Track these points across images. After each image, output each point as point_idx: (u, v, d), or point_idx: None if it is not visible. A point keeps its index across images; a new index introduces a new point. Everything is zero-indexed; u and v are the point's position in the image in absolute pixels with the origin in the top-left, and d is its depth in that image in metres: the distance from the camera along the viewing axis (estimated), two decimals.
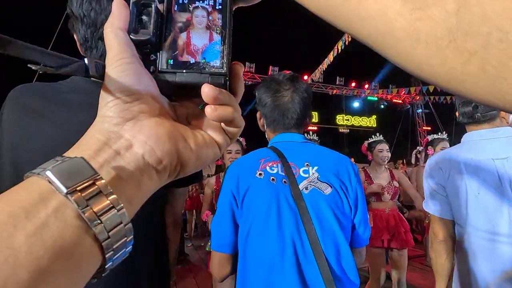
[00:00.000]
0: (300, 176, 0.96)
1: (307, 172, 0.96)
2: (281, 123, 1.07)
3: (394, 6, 0.24)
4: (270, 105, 1.07)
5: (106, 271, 0.21)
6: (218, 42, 0.26)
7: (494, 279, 1.14)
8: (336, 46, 9.63)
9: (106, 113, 0.24)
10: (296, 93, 1.06)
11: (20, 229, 0.17)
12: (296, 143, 1.04)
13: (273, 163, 0.99)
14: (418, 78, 0.27)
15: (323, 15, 0.28)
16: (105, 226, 0.20)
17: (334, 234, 0.90)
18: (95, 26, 0.67)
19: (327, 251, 0.87)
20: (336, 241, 0.90)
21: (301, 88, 1.07)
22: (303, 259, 0.88)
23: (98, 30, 0.67)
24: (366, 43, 0.27)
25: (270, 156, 1.00)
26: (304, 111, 1.06)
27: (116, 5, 0.25)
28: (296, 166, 0.97)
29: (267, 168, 0.98)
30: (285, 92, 1.06)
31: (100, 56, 0.69)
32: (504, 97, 0.23)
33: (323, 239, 0.88)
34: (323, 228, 0.89)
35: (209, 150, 0.27)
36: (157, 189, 0.25)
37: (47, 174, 0.19)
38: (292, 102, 1.05)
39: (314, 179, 0.95)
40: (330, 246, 0.88)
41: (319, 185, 0.94)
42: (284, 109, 1.05)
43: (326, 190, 0.93)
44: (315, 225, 0.88)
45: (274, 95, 1.06)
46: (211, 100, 0.25)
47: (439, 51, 0.23)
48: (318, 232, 0.88)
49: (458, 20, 0.22)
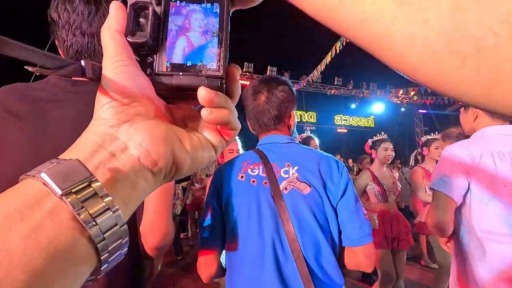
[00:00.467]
0: (281, 176, 0.97)
1: (287, 172, 0.98)
2: (258, 125, 1.09)
3: (390, 9, 0.24)
4: (249, 109, 1.10)
5: (102, 273, 0.21)
6: (215, 45, 0.26)
7: (492, 278, 1.14)
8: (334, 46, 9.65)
9: (101, 115, 0.24)
10: (271, 94, 1.06)
11: (15, 230, 0.17)
12: (280, 144, 1.06)
13: (255, 165, 1.01)
14: (414, 81, 0.27)
15: (320, 18, 0.28)
16: (101, 228, 0.20)
17: (313, 233, 0.91)
18: (69, 24, 0.69)
19: (306, 250, 0.88)
20: (316, 240, 0.91)
21: (277, 88, 1.07)
22: (282, 258, 0.90)
23: (71, 28, 0.69)
24: (363, 47, 0.28)
25: (252, 159, 1.03)
26: (282, 110, 1.06)
27: (114, 7, 0.25)
28: (277, 167, 0.99)
29: (249, 170, 1.01)
30: (260, 95, 1.08)
31: (75, 53, 0.69)
32: (499, 100, 0.23)
33: (301, 238, 0.89)
34: (302, 228, 0.90)
35: (205, 153, 0.27)
36: (152, 191, 0.25)
37: (42, 176, 0.19)
38: (267, 103, 1.05)
39: (293, 179, 0.96)
40: (309, 245, 0.89)
41: (298, 185, 0.95)
42: (259, 111, 1.07)
43: (305, 190, 0.94)
44: (294, 225, 0.89)
45: (251, 98, 1.09)
46: (207, 103, 0.25)
47: (435, 54, 0.24)
48: (296, 232, 0.89)
49: (454, 24, 0.22)
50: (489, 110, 0.25)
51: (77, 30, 0.68)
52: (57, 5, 0.69)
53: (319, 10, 0.27)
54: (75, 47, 0.69)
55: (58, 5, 0.69)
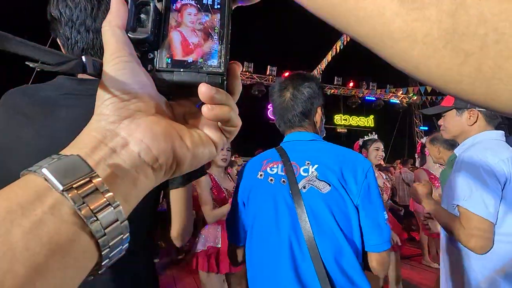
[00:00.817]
0: (300, 175, 0.96)
1: (307, 170, 0.97)
2: (283, 122, 1.09)
3: (391, 6, 0.24)
4: (275, 107, 1.11)
5: (103, 269, 0.21)
6: (216, 41, 0.26)
7: (486, 276, 1.15)
8: (335, 46, 9.64)
9: (102, 111, 0.24)
10: (296, 91, 1.06)
11: (16, 225, 0.17)
12: (302, 141, 1.05)
13: (274, 163, 1.02)
14: (415, 79, 0.27)
15: (322, 15, 0.28)
16: (101, 223, 0.20)
17: (332, 233, 0.89)
18: (72, 21, 0.68)
19: (324, 250, 0.87)
20: (335, 240, 0.88)
21: (303, 84, 1.06)
22: (299, 257, 0.89)
23: (75, 25, 0.68)
24: (364, 44, 0.28)
25: (272, 157, 1.04)
26: (307, 107, 1.05)
27: (115, 3, 0.25)
28: (297, 165, 0.98)
29: (268, 169, 1.02)
30: (285, 91, 1.08)
31: (81, 51, 0.69)
32: (500, 99, 0.23)
33: (319, 237, 0.88)
34: (320, 227, 0.89)
35: (205, 149, 0.27)
36: (153, 187, 0.25)
37: (43, 172, 0.19)
38: (292, 99, 1.06)
39: (312, 177, 0.95)
40: (327, 245, 0.88)
41: (317, 183, 0.93)
42: (284, 108, 1.07)
43: (324, 189, 0.92)
44: (312, 224, 0.88)
45: (277, 95, 1.10)
46: (208, 100, 0.25)
47: (436, 51, 0.24)
48: (314, 231, 0.88)
49: (455, 21, 0.22)
50: (490, 109, 0.25)
51: (81, 27, 0.67)
52: (57, 1, 0.68)
53: (321, 7, 0.27)
54: (80, 45, 0.68)
55: (58, 1, 0.68)
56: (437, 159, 2.47)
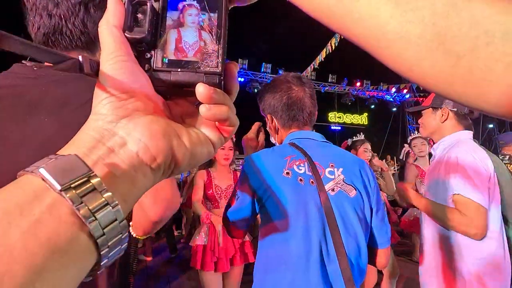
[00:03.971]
0: (326, 177, 0.95)
1: (333, 173, 0.96)
2: (299, 118, 1.05)
3: (386, 8, 0.25)
4: (286, 103, 1.04)
5: (102, 268, 0.22)
6: (213, 41, 0.26)
7: (478, 272, 1.18)
8: (329, 43, 9.67)
9: (100, 110, 0.24)
10: (307, 89, 1.07)
11: (14, 226, 0.17)
12: (316, 141, 1.03)
13: (300, 161, 0.97)
14: (409, 80, 0.28)
15: (317, 16, 0.28)
16: (100, 223, 0.20)
17: (356, 236, 0.91)
18: (35, 5, 0.66)
19: (350, 253, 0.88)
20: (357, 242, 0.91)
21: (309, 85, 1.08)
22: (326, 260, 0.89)
23: (38, 9, 0.66)
24: (359, 44, 0.28)
25: (296, 154, 0.98)
26: (314, 108, 1.08)
27: (112, 3, 0.25)
28: (321, 166, 0.96)
29: (294, 167, 0.96)
30: (298, 88, 1.06)
31: (43, 35, 0.67)
32: (491, 100, 0.24)
33: (346, 241, 0.88)
34: (347, 230, 0.90)
35: (204, 148, 0.28)
36: (151, 186, 0.25)
37: (40, 172, 0.19)
38: (306, 97, 1.06)
39: (340, 181, 0.94)
40: (352, 248, 0.90)
41: (345, 187, 0.94)
42: (301, 104, 1.05)
43: (351, 193, 0.93)
44: (340, 227, 0.88)
45: (287, 92, 1.05)
46: (205, 99, 0.25)
47: (429, 53, 0.24)
48: (342, 234, 0.88)
49: (448, 23, 0.23)
50: (481, 110, 0.25)
51: (43, 11, 0.66)
52: None
53: (316, 8, 0.28)
54: (42, 29, 0.67)
55: None
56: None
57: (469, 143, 1.33)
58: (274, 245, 0.92)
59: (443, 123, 1.44)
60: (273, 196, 0.92)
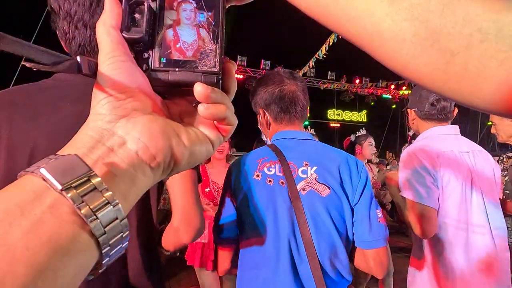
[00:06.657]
0: (299, 176, 0.94)
1: (306, 172, 0.94)
2: (291, 110, 1.03)
3: (382, 6, 0.25)
4: (277, 96, 1.02)
5: (103, 267, 0.22)
6: (211, 40, 0.26)
7: (470, 268, 1.19)
8: (328, 40, 9.63)
9: (99, 110, 0.24)
10: (299, 83, 1.05)
11: (15, 225, 0.17)
12: (297, 140, 1.02)
13: (271, 163, 0.97)
14: (404, 78, 0.28)
15: (313, 14, 0.28)
16: (101, 222, 0.20)
17: (330, 236, 0.89)
18: (70, 16, 0.67)
19: (321, 252, 0.87)
20: (332, 242, 0.89)
21: (301, 80, 1.07)
22: (297, 259, 0.89)
23: (73, 20, 0.67)
24: (355, 43, 0.28)
25: (268, 156, 0.98)
26: (306, 103, 1.06)
27: (109, 3, 0.25)
28: (295, 166, 0.95)
29: (265, 169, 0.96)
30: (290, 82, 1.04)
31: (78, 46, 0.68)
32: (485, 97, 0.24)
33: (317, 240, 0.87)
34: (319, 230, 0.89)
35: (202, 147, 0.28)
36: (152, 185, 0.25)
37: (41, 172, 0.20)
38: (298, 91, 1.04)
39: (312, 180, 0.93)
40: (324, 247, 0.88)
41: (317, 186, 0.92)
42: (294, 97, 1.03)
43: (323, 192, 0.91)
44: (310, 227, 0.88)
45: (280, 85, 1.03)
46: (203, 99, 0.25)
47: (424, 51, 0.24)
48: (313, 234, 0.87)
49: (442, 21, 0.23)
50: (475, 107, 0.26)
51: (79, 22, 0.66)
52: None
53: (312, 7, 0.28)
54: (77, 40, 0.67)
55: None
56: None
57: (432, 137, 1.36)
58: (247, 246, 0.94)
59: (413, 123, 1.54)
60: (245, 199, 0.94)
